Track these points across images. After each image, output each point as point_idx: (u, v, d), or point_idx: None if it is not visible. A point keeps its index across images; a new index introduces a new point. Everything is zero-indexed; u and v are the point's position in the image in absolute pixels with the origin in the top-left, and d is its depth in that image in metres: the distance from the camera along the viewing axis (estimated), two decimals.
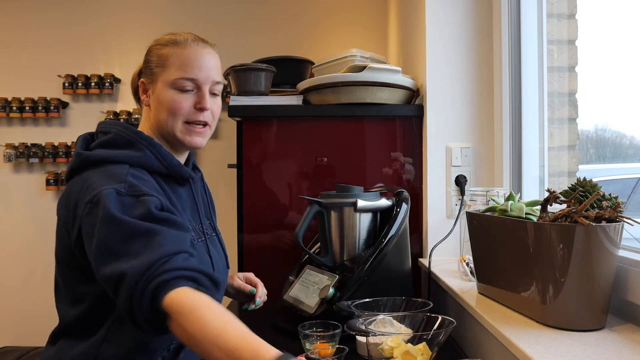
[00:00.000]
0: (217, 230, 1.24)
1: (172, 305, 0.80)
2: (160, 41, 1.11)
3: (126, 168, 1.00)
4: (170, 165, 1.08)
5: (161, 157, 1.06)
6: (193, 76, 1.07)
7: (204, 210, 1.19)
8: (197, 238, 1.09)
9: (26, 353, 2.66)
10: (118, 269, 0.84)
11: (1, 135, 3.08)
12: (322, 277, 1.42)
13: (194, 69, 1.07)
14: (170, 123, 1.08)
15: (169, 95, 1.07)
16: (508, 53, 1.61)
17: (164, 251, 0.85)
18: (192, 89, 1.08)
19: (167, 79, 1.07)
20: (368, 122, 1.75)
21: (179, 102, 1.07)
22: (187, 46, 1.09)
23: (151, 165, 1.05)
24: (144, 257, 0.84)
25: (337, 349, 1.06)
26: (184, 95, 1.07)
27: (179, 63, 1.07)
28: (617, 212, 0.92)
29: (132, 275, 0.82)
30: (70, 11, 3.06)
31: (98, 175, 0.98)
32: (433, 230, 1.67)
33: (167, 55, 1.08)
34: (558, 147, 1.49)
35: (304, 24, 3.03)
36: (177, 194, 1.10)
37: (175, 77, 1.07)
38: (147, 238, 0.87)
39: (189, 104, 1.08)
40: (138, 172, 1.01)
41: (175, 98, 1.07)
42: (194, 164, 1.23)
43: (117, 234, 0.88)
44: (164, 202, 0.97)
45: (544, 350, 0.84)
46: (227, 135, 3.03)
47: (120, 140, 1.06)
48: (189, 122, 1.09)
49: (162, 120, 1.09)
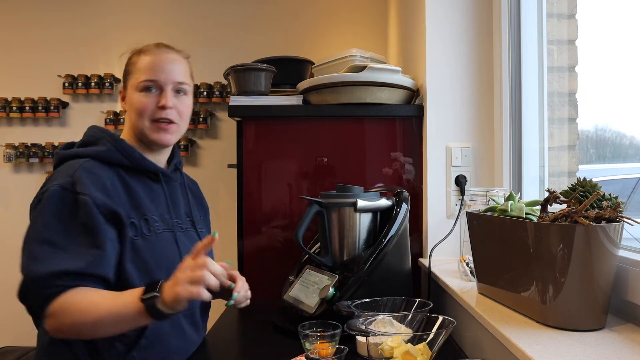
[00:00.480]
0: (198, 228, 1.31)
1: (57, 309, 1.00)
2: (130, 52, 1.24)
3: (82, 162, 1.13)
4: (132, 158, 1.18)
5: (123, 150, 1.17)
6: (154, 77, 1.19)
7: (183, 207, 1.29)
8: (164, 228, 1.19)
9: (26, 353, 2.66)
10: (24, 265, 1.03)
11: (1, 135, 3.08)
12: (322, 277, 1.42)
13: (156, 71, 1.19)
14: (140, 123, 1.20)
15: (136, 97, 1.20)
16: (508, 53, 1.61)
17: (60, 268, 1.00)
18: (155, 89, 1.19)
19: (133, 83, 1.20)
20: (368, 122, 1.75)
21: (144, 102, 1.19)
22: (149, 52, 1.21)
23: (113, 159, 1.16)
24: (41, 265, 1.01)
25: (337, 349, 1.06)
26: (148, 95, 1.19)
27: (143, 68, 1.20)
28: (617, 212, 0.92)
29: (28, 278, 1.01)
30: (70, 11, 3.06)
31: (59, 171, 1.13)
32: (433, 230, 1.67)
33: (134, 62, 1.22)
34: (558, 147, 1.49)
35: (304, 24, 3.03)
36: (149, 188, 1.21)
37: (139, 80, 1.19)
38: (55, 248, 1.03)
39: (152, 104, 1.19)
40: (95, 165, 1.13)
41: (141, 99, 1.19)
42: (176, 166, 1.32)
43: (37, 234, 1.04)
44: (103, 200, 1.08)
45: (544, 350, 0.84)
46: (227, 135, 3.03)
47: (90, 140, 1.20)
48: (154, 120, 1.20)
49: (133, 121, 1.21)
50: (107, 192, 1.10)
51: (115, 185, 1.13)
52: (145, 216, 1.16)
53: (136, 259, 1.12)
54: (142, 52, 1.22)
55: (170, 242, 1.20)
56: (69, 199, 1.06)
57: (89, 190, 1.06)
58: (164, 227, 1.20)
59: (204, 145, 3.05)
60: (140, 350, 1.11)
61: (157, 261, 1.15)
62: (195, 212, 1.34)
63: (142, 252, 1.13)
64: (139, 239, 1.13)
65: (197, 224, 1.32)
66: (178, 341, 1.19)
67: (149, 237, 1.15)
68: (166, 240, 1.19)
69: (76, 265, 1.02)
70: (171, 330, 1.17)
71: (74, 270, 1.02)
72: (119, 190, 1.13)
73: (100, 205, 1.07)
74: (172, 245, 1.20)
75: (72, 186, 1.07)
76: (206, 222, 1.41)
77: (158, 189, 1.24)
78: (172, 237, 1.21)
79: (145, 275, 1.12)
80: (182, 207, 1.29)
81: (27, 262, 1.03)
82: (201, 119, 2.96)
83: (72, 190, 1.06)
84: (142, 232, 1.14)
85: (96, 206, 1.06)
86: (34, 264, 1.02)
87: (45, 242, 1.03)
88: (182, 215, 1.28)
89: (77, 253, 1.03)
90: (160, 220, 1.19)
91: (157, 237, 1.17)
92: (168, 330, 1.16)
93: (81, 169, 1.10)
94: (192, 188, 1.39)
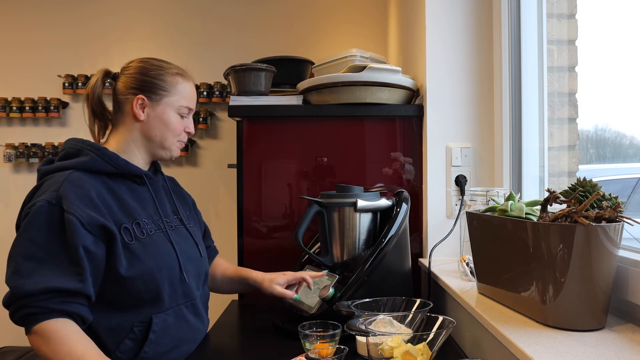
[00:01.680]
0: (187, 223, 1.35)
1: (40, 331, 1.02)
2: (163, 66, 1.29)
3: (67, 174, 1.14)
4: (117, 164, 1.20)
5: (107, 158, 1.20)
6: (193, 107, 1.33)
7: (168, 206, 1.33)
8: (156, 229, 1.22)
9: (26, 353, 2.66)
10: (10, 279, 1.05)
11: (1, 135, 3.08)
12: (322, 277, 1.42)
13: (193, 102, 1.33)
14: (170, 139, 1.29)
15: (173, 118, 1.28)
16: (508, 53, 1.61)
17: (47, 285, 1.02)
18: (186, 115, 1.31)
19: (172, 103, 1.28)
20: (368, 122, 1.75)
21: (180, 124, 1.30)
22: (187, 79, 1.32)
23: (98, 167, 1.18)
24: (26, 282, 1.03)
25: (337, 349, 1.06)
26: (181, 118, 1.30)
27: (185, 94, 1.30)
28: (617, 212, 0.92)
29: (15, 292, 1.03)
30: (70, 11, 3.06)
31: (44, 185, 1.14)
32: (433, 230, 1.67)
33: (171, 82, 1.28)
34: (558, 147, 1.49)
35: (304, 24, 3.03)
36: (135, 191, 1.24)
37: (181, 105, 1.29)
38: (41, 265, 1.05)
39: (183, 127, 1.31)
40: (80, 177, 1.15)
41: (178, 121, 1.29)
42: (155, 168, 1.37)
43: (24, 249, 1.06)
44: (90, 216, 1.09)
45: (544, 350, 0.84)
46: (227, 135, 3.03)
47: (71, 151, 1.22)
48: (179, 140, 1.32)
49: (159, 135, 1.27)
50: (93, 205, 1.11)
51: (102, 194, 1.15)
52: (137, 220, 1.18)
53: (136, 263, 1.14)
54: (179, 75, 1.30)
55: (165, 242, 1.22)
56: (56, 215, 1.07)
57: (74, 207, 1.07)
58: (155, 228, 1.22)
59: (204, 145, 3.05)
60: (151, 345, 1.16)
61: (156, 262, 1.17)
62: (181, 209, 1.36)
63: (140, 255, 1.15)
64: (134, 243, 1.15)
65: (186, 221, 1.35)
66: (184, 331, 1.24)
67: (143, 240, 1.17)
68: (160, 240, 1.22)
69: (60, 284, 1.04)
70: (176, 322, 1.21)
71: (59, 289, 1.03)
72: (106, 199, 1.15)
73: (86, 224, 1.08)
74: (166, 245, 1.22)
75: (59, 201, 1.08)
76: (192, 216, 1.43)
77: (144, 192, 1.26)
78: (165, 237, 1.23)
79: (149, 278, 1.15)
80: (168, 206, 1.32)
81: (12, 276, 1.05)
82: (201, 119, 2.96)
83: (58, 206, 1.08)
84: (136, 236, 1.16)
85: (82, 225, 1.07)
86: (19, 279, 1.04)
87: (32, 258, 1.05)
88: (170, 214, 1.31)
89: (61, 271, 1.05)
90: (151, 222, 1.22)
91: (151, 239, 1.19)
92: (173, 322, 1.20)
93: (67, 182, 1.12)
94: (172, 186, 1.41)
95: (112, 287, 1.12)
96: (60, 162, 1.20)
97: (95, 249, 1.08)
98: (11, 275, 1.05)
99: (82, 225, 1.07)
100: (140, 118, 1.25)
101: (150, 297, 1.16)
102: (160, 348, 1.18)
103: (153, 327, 1.16)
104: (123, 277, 1.11)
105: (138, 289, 1.13)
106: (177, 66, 1.32)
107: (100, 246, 1.10)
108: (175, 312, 1.21)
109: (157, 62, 1.30)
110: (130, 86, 1.26)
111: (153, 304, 1.17)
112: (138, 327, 1.15)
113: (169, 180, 1.41)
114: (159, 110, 1.26)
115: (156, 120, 1.26)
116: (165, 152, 1.30)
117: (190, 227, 1.36)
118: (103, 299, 1.11)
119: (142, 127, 1.26)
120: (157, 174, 1.36)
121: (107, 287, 1.11)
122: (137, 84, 1.26)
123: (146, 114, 1.25)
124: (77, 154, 1.21)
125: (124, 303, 1.14)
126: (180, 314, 1.23)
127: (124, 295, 1.13)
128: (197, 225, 1.43)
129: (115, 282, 1.11)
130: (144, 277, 1.14)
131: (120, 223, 1.14)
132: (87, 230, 1.07)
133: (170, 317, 1.20)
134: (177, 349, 1.22)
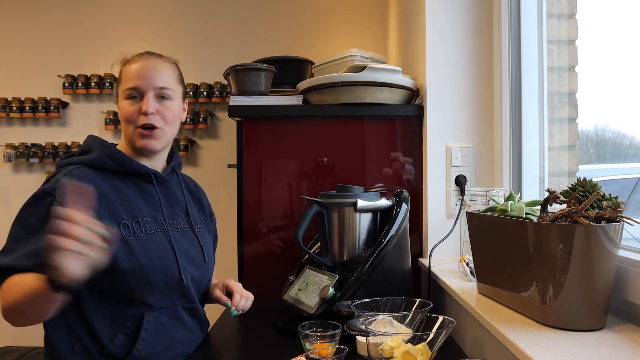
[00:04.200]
0: (196, 227, 1.33)
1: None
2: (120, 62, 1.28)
3: (72, 168, 1.17)
4: (122, 163, 1.21)
5: (113, 156, 1.21)
6: (136, 84, 1.22)
7: (178, 207, 1.32)
8: (157, 229, 1.22)
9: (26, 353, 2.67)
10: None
11: (1, 135, 3.07)
12: (322, 277, 1.42)
13: (138, 78, 1.22)
14: (128, 130, 1.24)
15: (122, 105, 1.24)
16: (508, 53, 1.61)
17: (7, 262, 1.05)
18: (138, 97, 1.22)
19: (120, 91, 1.25)
20: (368, 122, 1.75)
21: (129, 110, 1.22)
22: (133, 61, 1.25)
23: (104, 165, 1.21)
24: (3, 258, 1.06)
25: (337, 349, 1.06)
26: (132, 103, 1.22)
27: (127, 76, 1.24)
28: (617, 212, 0.92)
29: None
30: (70, 11, 3.06)
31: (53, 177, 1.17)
32: (433, 230, 1.67)
33: (121, 71, 1.26)
34: (558, 147, 1.49)
35: (304, 24, 3.03)
36: (143, 190, 1.25)
37: (124, 88, 1.23)
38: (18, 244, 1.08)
39: (136, 110, 1.21)
40: (85, 172, 1.17)
41: (126, 107, 1.23)
42: (174, 168, 1.35)
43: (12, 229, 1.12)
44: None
45: (544, 350, 0.84)
46: (227, 135, 3.03)
47: (85, 148, 1.25)
48: (139, 126, 1.22)
49: (123, 129, 1.26)
50: None
51: (104, 191, 1.16)
52: (137, 218, 1.20)
53: (131, 258, 1.15)
54: (128, 61, 1.26)
55: (163, 242, 1.22)
56: (47, 203, 1.11)
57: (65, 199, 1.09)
58: (156, 227, 1.23)
59: (204, 145, 3.05)
60: (143, 343, 1.16)
61: (150, 261, 1.17)
62: (194, 212, 1.36)
63: (135, 251, 1.16)
64: (132, 239, 1.16)
65: (196, 225, 1.34)
66: (179, 332, 1.23)
67: (141, 237, 1.18)
68: (159, 240, 1.22)
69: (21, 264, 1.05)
70: (170, 322, 1.21)
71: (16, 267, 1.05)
72: (107, 196, 1.16)
73: None
74: (165, 245, 1.22)
75: (53, 191, 1.12)
76: (206, 222, 1.42)
77: (152, 191, 1.27)
78: (165, 237, 1.23)
79: (140, 275, 1.15)
80: (177, 208, 1.32)
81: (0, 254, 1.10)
82: (201, 119, 2.96)
83: (52, 195, 1.11)
84: (134, 233, 1.17)
85: None
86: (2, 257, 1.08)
87: (13, 237, 1.11)
88: (178, 215, 1.31)
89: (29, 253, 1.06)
90: (153, 221, 1.23)
91: (149, 238, 1.20)
92: (166, 322, 1.20)
93: (69, 175, 1.15)
94: (192, 189, 1.41)
95: (109, 280, 1.12)
96: (74, 157, 1.24)
97: None
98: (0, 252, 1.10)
99: None
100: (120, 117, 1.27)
101: (141, 294, 1.16)
102: (153, 347, 1.17)
103: (144, 324, 1.16)
104: (116, 269, 1.11)
105: (130, 283, 1.14)
106: (129, 54, 1.29)
107: None
108: (170, 312, 1.21)
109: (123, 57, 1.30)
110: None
111: (144, 301, 1.17)
112: (131, 322, 1.16)
113: (190, 182, 1.41)
114: (118, 104, 1.27)
115: (119, 114, 1.27)
116: (133, 143, 1.24)
117: (199, 231, 1.35)
118: (97, 287, 1.12)
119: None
120: (172, 175, 1.34)
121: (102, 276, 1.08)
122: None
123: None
124: (89, 151, 1.24)
125: (118, 297, 1.15)
126: (176, 315, 1.22)
127: (118, 289, 1.14)
128: (208, 232, 1.41)
129: (109, 272, 1.09)
130: (135, 273, 1.14)
131: (120, 219, 1.16)
132: None
133: (164, 316, 1.19)
134: (171, 349, 1.21)
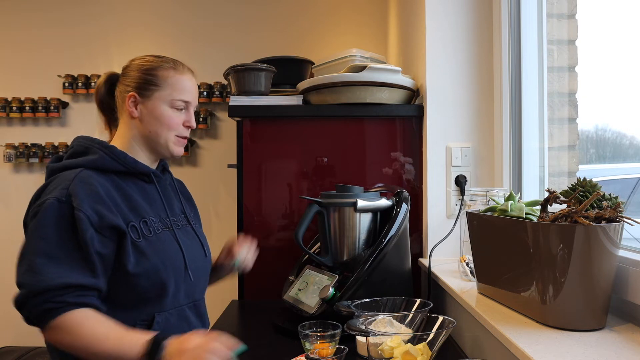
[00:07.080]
0: (193, 223, 1.35)
1: (60, 324, 1.03)
2: (154, 62, 1.27)
3: (77, 172, 1.15)
4: (125, 163, 1.21)
5: (115, 156, 1.20)
6: (188, 99, 1.28)
7: (176, 205, 1.34)
8: (163, 227, 1.23)
9: (26, 353, 2.67)
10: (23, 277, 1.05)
11: (1, 135, 3.07)
12: (322, 277, 1.42)
13: (189, 94, 1.28)
14: (165, 135, 1.26)
15: (167, 112, 1.25)
16: (508, 53, 1.61)
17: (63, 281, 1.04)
18: (183, 108, 1.27)
19: (164, 97, 1.25)
20: (368, 122, 1.75)
21: (175, 119, 1.26)
22: (180, 71, 1.28)
23: (107, 166, 1.19)
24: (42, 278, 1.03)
25: (337, 349, 1.06)
26: (178, 112, 1.27)
27: (177, 87, 1.26)
28: (617, 212, 0.92)
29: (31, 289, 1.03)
30: (70, 11, 3.06)
31: (53, 183, 1.15)
32: (433, 230, 1.67)
33: (162, 76, 1.25)
34: (558, 147, 1.49)
35: (304, 24, 3.03)
36: (143, 190, 1.25)
37: (174, 98, 1.25)
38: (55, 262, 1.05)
39: (181, 121, 1.27)
40: (90, 174, 1.15)
41: (172, 115, 1.26)
42: (164, 167, 1.37)
43: (36, 247, 1.07)
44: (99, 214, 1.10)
45: (544, 350, 0.84)
46: (227, 135, 3.03)
47: (79, 149, 1.23)
48: (179, 136, 1.28)
49: (153, 131, 1.25)
50: (102, 203, 1.12)
51: (111, 193, 1.16)
52: (144, 218, 1.19)
53: (143, 260, 1.15)
54: (171, 68, 1.26)
55: (171, 240, 1.23)
56: (67, 212, 1.08)
57: (84, 206, 1.09)
58: (162, 226, 1.23)
59: (204, 145, 3.05)
60: None
61: (162, 260, 1.18)
62: (188, 209, 1.38)
63: (146, 253, 1.16)
64: (142, 241, 1.16)
65: (192, 220, 1.36)
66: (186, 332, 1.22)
67: (150, 237, 1.18)
68: (167, 239, 1.22)
69: (76, 279, 1.05)
70: (178, 323, 1.21)
71: (75, 284, 1.05)
72: (114, 197, 1.16)
73: (95, 222, 1.09)
74: (173, 243, 1.23)
75: (68, 199, 1.09)
76: (197, 218, 1.44)
77: (152, 190, 1.27)
78: (172, 235, 1.24)
79: (154, 276, 1.15)
80: (175, 205, 1.33)
81: (26, 274, 1.05)
82: (201, 119, 2.96)
83: (68, 204, 1.09)
84: (143, 234, 1.17)
85: (91, 224, 1.08)
86: (34, 277, 1.04)
87: (44, 255, 1.06)
88: (177, 213, 1.32)
89: (74, 267, 1.06)
90: (158, 220, 1.23)
91: (158, 237, 1.20)
92: (175, 323, 1.20)
93: (77, 179, 1.13)
94: (179, 187, 1.42)
95: (117, 285, 1.13)
96: (68, 160, 1.21)
97: (102, 248, 1.09)
98: (24, 273, 1.05)
99: (90, 225, 1.08)
100: (134, 115, 1.25)
101: (155, 295, 1.16)
102: None
103: (154, 326, 1.16)
104: (129, 273, 1.12)
105: (143, 285, 1.14)
106: (172, 59, 1.30)
107: (108, 245, 1.11)
108: (179, 313, 1.22)
109: (152, 58, 1.29)
110: (126, 84, 1.27)
111: (156, 302, 1.17)
112: (140, 325, 1.15)
113: (177, 181, 1.42)
114: (151, 106, 1.25)
115: (149, 116, 1.25)
116: (163, 148, 1.27)
117: (196, 227, 1.36)
118: (106, 297, 1.12)
119: (138, 125, 1.26)
120: (165, 173, 1.36)
121: (112, 286, 1.12)
122: (131, 81, 1.26)
123: (139, 111, 1.25)
124: (86, 152, 1.21)
125: (128, 301, 1.15)
126: (183, 315, 1.23)
127: (128, 293, 1.14)
128: (201, 226, 1.43)
129: (121, 279, 1.12)
130: (149, 274, 1.15)
131: (129, 221, 1.15)
132: (95, 229, 1.09)
133: (172, 317, 1.20)
134: None
